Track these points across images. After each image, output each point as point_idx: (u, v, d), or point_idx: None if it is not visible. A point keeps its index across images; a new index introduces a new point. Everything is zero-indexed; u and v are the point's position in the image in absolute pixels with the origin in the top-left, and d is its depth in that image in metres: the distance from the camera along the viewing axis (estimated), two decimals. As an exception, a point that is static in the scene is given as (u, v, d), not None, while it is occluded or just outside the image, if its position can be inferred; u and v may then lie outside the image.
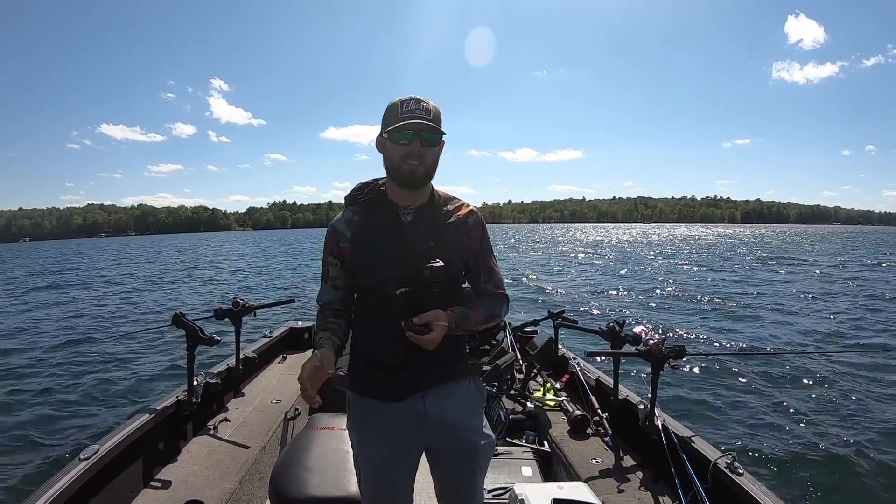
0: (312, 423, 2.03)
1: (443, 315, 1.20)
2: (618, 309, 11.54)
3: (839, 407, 5.16)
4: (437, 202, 1.33)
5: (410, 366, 1.26)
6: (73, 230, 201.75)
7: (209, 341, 2.43)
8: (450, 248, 1.28)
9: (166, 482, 2.02)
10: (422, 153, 1.23)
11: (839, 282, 16.44)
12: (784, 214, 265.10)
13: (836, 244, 45.32)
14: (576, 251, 35.63)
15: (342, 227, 1.32)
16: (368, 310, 1.33)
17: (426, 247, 1.25)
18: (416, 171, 1.23)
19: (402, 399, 1.28)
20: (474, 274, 1.37)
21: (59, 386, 5.54)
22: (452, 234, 1.31)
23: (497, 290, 1.38)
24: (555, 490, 1.67)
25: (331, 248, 1.33)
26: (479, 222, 1.36)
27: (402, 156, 1.23)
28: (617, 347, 2.53)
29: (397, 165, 1.24)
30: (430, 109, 1.23)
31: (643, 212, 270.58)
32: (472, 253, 1.35)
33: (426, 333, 1.17)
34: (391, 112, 1.24)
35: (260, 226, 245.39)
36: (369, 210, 1.32)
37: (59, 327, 9.09)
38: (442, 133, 1.25)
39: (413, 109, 1.21)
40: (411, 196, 1.29)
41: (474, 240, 1.34)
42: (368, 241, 1.29)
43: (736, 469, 1.82)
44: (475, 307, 1.31)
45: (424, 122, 1.21)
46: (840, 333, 9.13)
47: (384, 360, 1.29)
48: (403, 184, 1.26)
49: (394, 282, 1.21)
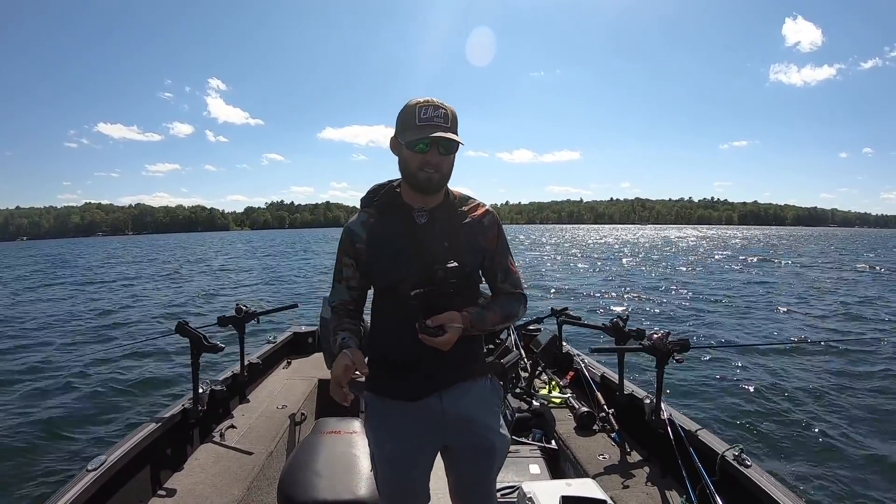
0: (319, 428, 2.03)
1: (457, 316, 1.21)
2: (621, 305, 11.54)
3: (846, 398, 5.16)
4: (451, 203, 1.34)
5: (426, 365, 1.27)
6: (71, 229, 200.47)
7: (213, 349, 2.43)
8: (464, 249, 1.29)
9: (174, 491, 2.02)
10: (439, 162, 1.22)
11: (843, 277, 16.44)
12: (781, 216, 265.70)
13: (832, 244, 45.24)
14: (577, 251, 35.60)
15: (358, 228, 1.32)
16: (383, 310, 1.34)
17: (440, 248, 1.26)
18: (432, 179, 1.23)
19: (418, 398, 1.29)
20: (491, 273, 1.37)
21: (65, 397, 5.54)
22: (467, 235, 1.31)
23: (514, 289, 1.38)
24: (563, 487, 1.67)
25: (346, 248, 1.34)
26: (494, 221, 1.36)
27: (418, 164, 1.22)
28: (621, 343, 2.52)
29: (413, 173, 1.24)
30: (448, 115, 1.21)
31: (641, 213, 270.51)
32: (489, 252, 1.35)
33: (440, 335, 1.18)
34: (408, 117, 1.22)
35: (258, 226, 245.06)
36: (384, 212, 1.32)
37: (62, 336, 9.10)
38: (458, 143, 1.22)
39: (431, 117, 1.19)
40: (426, 198, 1.30)
41: (490, 239, 1.35)
42: (383, 242, 1.29)
43: (744, 461, 1.82)
44: (492, 307, 1.31)
45: (443, 132, 1.19)
46: (845, 325, 9.13)
47: (399, 359, 1.30)
48: (419, 190, 1.27)
49: (408, 283, 1.22)
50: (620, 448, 2.34)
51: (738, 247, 37.13)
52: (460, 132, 1.25)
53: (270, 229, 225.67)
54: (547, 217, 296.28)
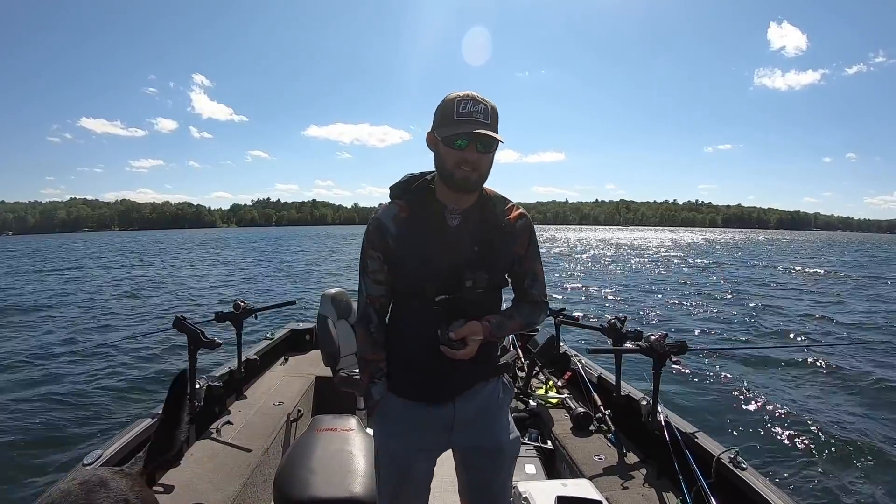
0: (315, 425, 2.03)
1: (478, 328, 1.19)
2: (618, 306, 11.56)
3: (842, 401, 5.18)
4: (485, 204, 1.28)
5: (445, 370, 1.24)
6: (57, 225, 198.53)
7: (210, 345, 2.42)
8: (495, 255, 1.25)
9: (169, 486, 2.02)
10: (477, 160, 1.16)
11: (839, 281, 16.47)
12: (764, 220, 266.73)
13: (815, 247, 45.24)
14: (572, 252, 35.62)
15: (388, 221, 1.25)
16: (405, 310, 1.31)
17: (470, 253, 1.22)
18: (470, 178, 1.18)
19: (434, 401, 1.28)
20: (519, 278, 1.34)
21: (61, 391, 5.53)
22: (499, 240, 1.27)
23: (540, 297, 1.36)
24: (558, 487, 1.68)
25: (373, 240, 1.26)
26: (527, 226, 1.32)
27: (455, 162, 1.16)
28: (618, 344, 2.52)
29: (450, 171, 1.18)
30: (488, 111, 1.15)
31: (625, 215, 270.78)
32: (518, 258, 1.31)
33: (462, 349, 1.17)
34: (446, 111, 1.16)
35: (244, 223, 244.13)
36: (416, 209, 1.26)
37: (58, 331, 9.08)
38: (499, 140, 1.16)
39: (471, 112, 1.13)
40: (460, 197, 1.24)
41: (521, 244, 1.31)
42: (414, 242, 1.24)
43: (739, 464, 1.82)
44: (514, 316, 1.29)
45: (482, 128, 1.13)
46: (841, 327, 9.15)
47: (417, 361, 1.28)
48: (454, 189, 1.21)
49: (434, 286, 1.19)
50: (616, 449, 2.34)
51: (730, 249, 37.27)
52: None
53: (257, 226, 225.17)
54: (533, 217, 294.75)
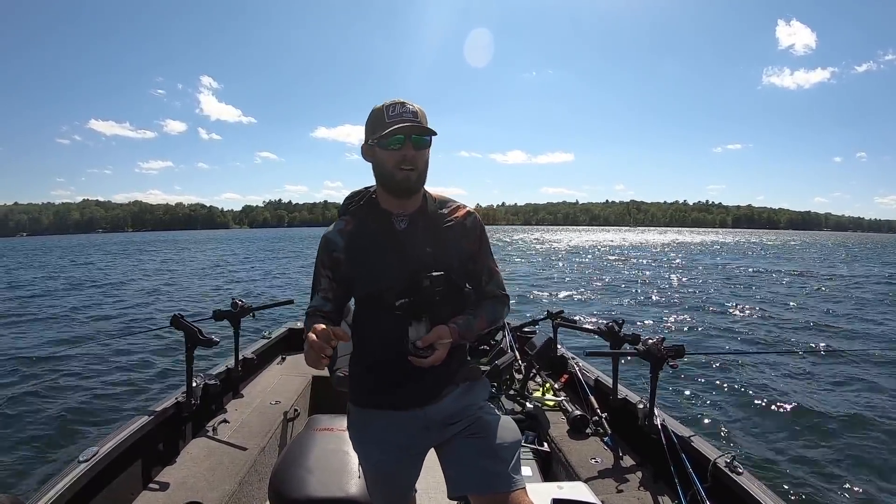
0: (312, 424, 2.03)
1: (445, 332, 1.18)
2: (616, 309, 11.56)
3: (838, 405, 5.18)
4: (431, 206, 1.30)
5: (411, 376, 1.23)
6: (70, 226, 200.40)
7: (208, 343, 2.42)
8: (448, 254, 1.26)
9: (165, 484, 2.02)
10: (414, 157, 1.19)
11: (838, 284, 16.50)
12: (775, 220, 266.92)
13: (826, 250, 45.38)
14: (572, 253, 35.64)
15: (335, 236, 1.29)
16: (367, 319, 1.31)
17: (423, 253, 1.23)
18: (410, 178, 1.20)
19: (403, 409, 1.28)
20: (475, 276, 1.35)
21: (58, 387, 5.52)
22: (450, 239, 1.28)
23: (499, 290, 1.37)
24: (554, 490, 1.67)
25: (323, 259, 1.30)
26: (476, 223, 1.34)
27: (395, 162, 1.19)
28: (616, 347, 2.52)
29: (390, 172, 1.20)
30: (416, 112, 1.20)
31: (635, 216, 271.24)
32: (472, 255, 1.32)
33: (429, 356, 1.16)
34: (377, 118, 1.20)
35: (256, 224, 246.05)
36: (362, 219, 1.29)
37: (55, 327, 9.07)
38: (433, 133, 1.21)
39: (400, 113, 1.18)
40: (404, 203, 1.27)
41: (473, 242, 1.32)
42: (363, 250, 1.26)
43: (735, 468, 1.82)
44: (478, 314, 1.29)
45: (414, 123, 1.18)
46: (838, 332, 9.16)
47: (384, 370, 1.27)
48: (396, 192, 1.24)
49: (392, 291, 1.18)
50: (613, 452, 2.34)
51: (733, 250, 37.32)
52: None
53: (269, 227, 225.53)
54: (543, 219, 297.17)
